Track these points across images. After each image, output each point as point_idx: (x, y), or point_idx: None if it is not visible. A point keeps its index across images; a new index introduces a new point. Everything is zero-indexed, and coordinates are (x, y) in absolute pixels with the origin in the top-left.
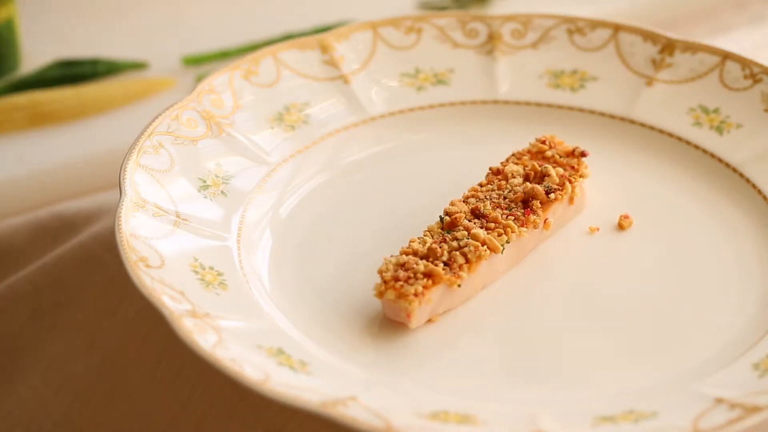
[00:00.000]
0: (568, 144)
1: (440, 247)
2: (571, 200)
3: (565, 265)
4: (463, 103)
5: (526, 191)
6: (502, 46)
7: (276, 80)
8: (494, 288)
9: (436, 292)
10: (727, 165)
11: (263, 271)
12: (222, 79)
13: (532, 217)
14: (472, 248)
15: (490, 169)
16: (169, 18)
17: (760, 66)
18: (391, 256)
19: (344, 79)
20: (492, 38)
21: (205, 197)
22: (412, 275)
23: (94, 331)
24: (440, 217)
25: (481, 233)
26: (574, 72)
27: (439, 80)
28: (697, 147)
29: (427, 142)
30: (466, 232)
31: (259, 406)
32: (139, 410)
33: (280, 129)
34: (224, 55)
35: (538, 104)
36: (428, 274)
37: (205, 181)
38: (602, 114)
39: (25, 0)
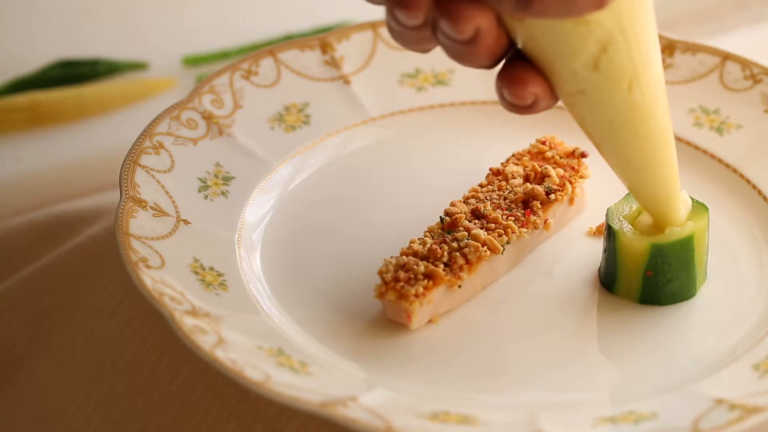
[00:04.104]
0: (568, 144)
1: (440, 248)
2: (571, 201)
3: (565, 266)
4: (463, 103)
5: (527, 192)
6: None
7: (276, 80)
8: (494, 288)
9: (436, 293)
10: (727, 165)
11: (263, 272)
12: (222, 80)
13: (532, 217)
14: (472, 249)
15: (491, 169)
16: (169, 18)
17: (760, 66)
18: (391, 257)
19: (344, 79)
20: None
21: (205, 197)
22: (412, 276)
23: (94, 331)
24: (440, 217)
25: (482, 234)
26: None
27: (439, 80)
28: (697, 147)
29: (427, 143)
30: (466, 233)
31: (259, 407)
32: (138, 410)
33: (280, 129)
34: (224, 55)
35: None
36: (429, 275)
37: (205, 182)
38: None
39: (25, 0)
